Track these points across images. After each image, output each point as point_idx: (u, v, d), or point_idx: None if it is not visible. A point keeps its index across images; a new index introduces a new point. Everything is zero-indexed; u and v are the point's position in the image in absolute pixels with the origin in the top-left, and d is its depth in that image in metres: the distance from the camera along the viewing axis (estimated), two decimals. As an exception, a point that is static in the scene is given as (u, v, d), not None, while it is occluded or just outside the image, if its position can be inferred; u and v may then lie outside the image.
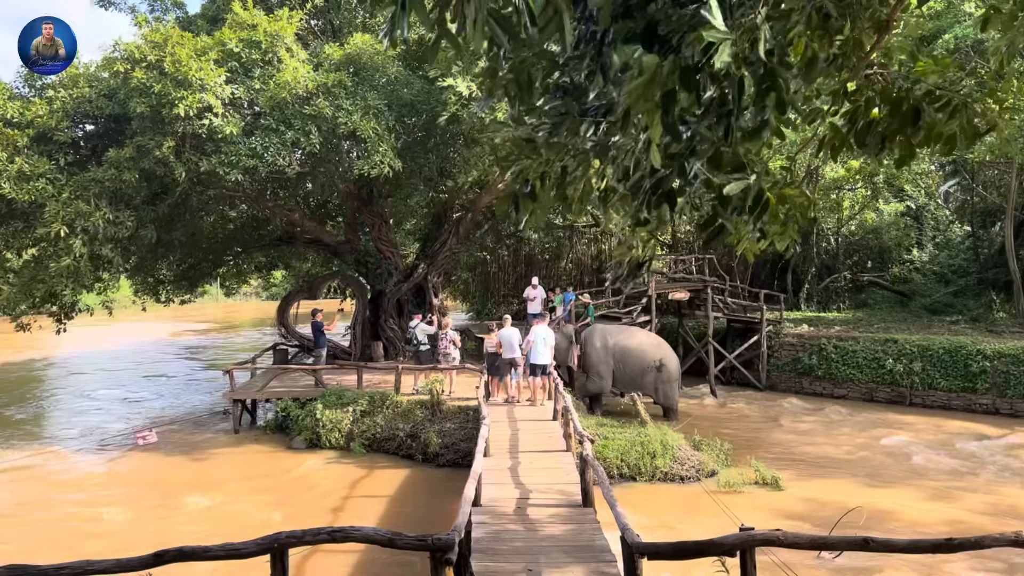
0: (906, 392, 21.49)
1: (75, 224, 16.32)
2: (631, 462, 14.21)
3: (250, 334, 45.10)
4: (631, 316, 23.83)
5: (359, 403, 16.90)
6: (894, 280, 32.52)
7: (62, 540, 11.38)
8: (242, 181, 17.12)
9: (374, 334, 24.10)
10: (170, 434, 18.47)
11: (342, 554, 10.13)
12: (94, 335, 38.55)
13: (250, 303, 70.06)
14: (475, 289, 39.63)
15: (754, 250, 5.15)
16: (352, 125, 16.73)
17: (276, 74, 16.63)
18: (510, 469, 11.08)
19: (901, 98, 4.77)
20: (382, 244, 24.52)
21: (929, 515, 12.43)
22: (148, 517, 12.57)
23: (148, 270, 23.89)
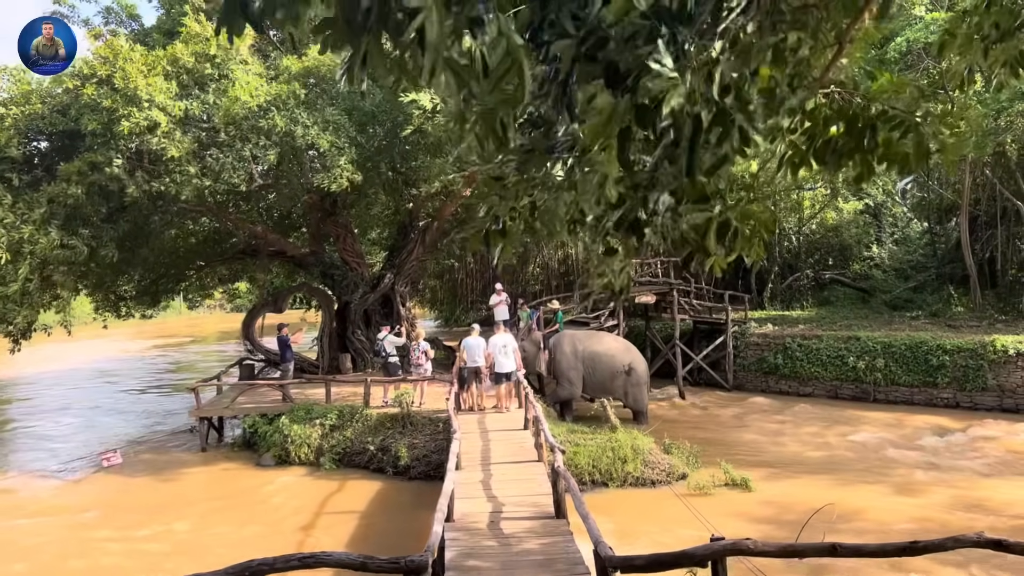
0: (870, 388, 21.90)
1: (22, 250, 15.97)
2: (602, 468, 14.29)
3: (214, 347, 44.54)
4: (599, 321, 23.97)
5: (328, 417, 16.78)
6: (855, 277, 33.16)
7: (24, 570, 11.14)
8: (199, 199, 16.92)
9: (341, 346, 23.95)
10: (136, 455, 18.16)
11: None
12: (53, 353, 37.77)
13: (214, 315, 69.20)
14: (443, 296, 39.67)
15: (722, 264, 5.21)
16: (310, 138, 16.63)
17: (230, 87, 16.46)
18: (482, 482, 11.07)
19: (857, 116, 4.88)
20: (347, 255, 24.38)
21: (896, 512, 12.67)
22: (115, 543, 12.32)
23: (109, 287, 23.47)
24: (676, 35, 3.05)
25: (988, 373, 20.04)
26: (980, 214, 29.22)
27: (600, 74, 3.00)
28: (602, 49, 2.98)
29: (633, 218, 3.41)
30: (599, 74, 2.98)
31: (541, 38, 3.11)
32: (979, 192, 28.97)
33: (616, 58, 2.96)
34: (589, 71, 2.92)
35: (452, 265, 35.75)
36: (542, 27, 3.05)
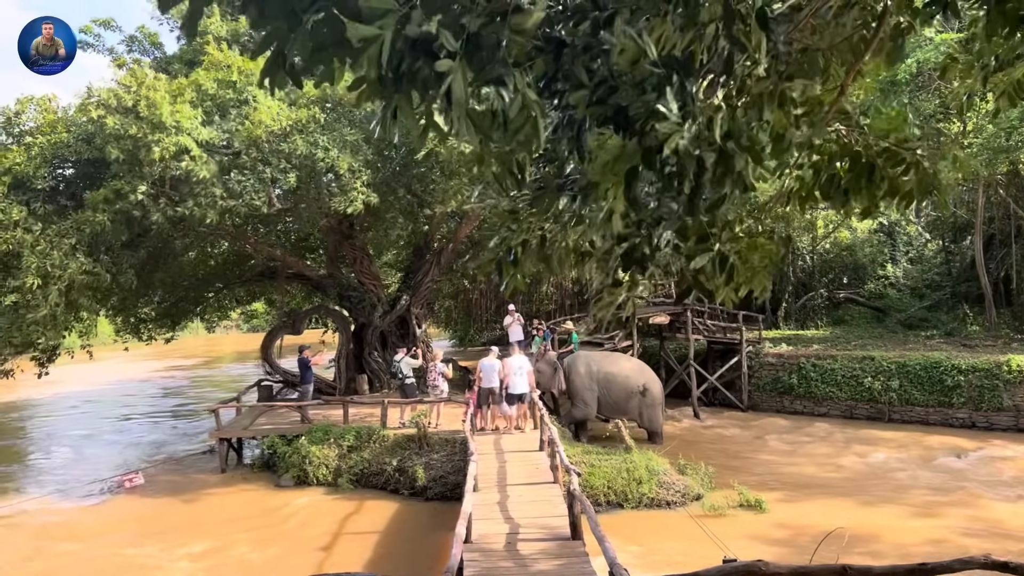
0: (885, 408, 21.87)
1: (51, 275, 16.34)
2: (618, 489, 14.39)
3: (232, 368, 44.92)
4: (613, 341, 24.10)
5: (346, 438, 16.97)
6: (870, 296, 33.12)
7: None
8: (221, 222, 17.25)
9: (358, 367, 24.17)
10: (157, 476, 18.39)
11: None
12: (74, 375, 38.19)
13: (231, 336, 69.69)
14: (457, 316, 39.89)
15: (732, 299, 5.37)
16: (330, 161, 16.96)
17: (252, 113, 16.84)
18: (499, 503, 11.22)
19: (860, 153, 5.06)
20: (364, 277, 24.67)
21: (913, 534, 12.68)
22: (141, 564, 12.55)
23: (129, 310, 23.84)
24: (684, 84, 3.27)
25: (1004, 393, 19.98)
26: (995, 233, 29.20)
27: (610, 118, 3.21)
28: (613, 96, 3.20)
29: (638, 253, 3.60)
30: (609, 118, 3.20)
31: (554, 87, 3.34)
32: (993, 211, 28.97)
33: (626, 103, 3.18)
34: (600, 114, 3.13)
35: (466, 286, 35.98)
36: (555, 78, 3.28)
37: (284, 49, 2.64)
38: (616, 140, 3.16)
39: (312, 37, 2.39)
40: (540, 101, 2.91)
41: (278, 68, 2.66)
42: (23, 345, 18.54)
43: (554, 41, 3.10)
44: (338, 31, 2.36)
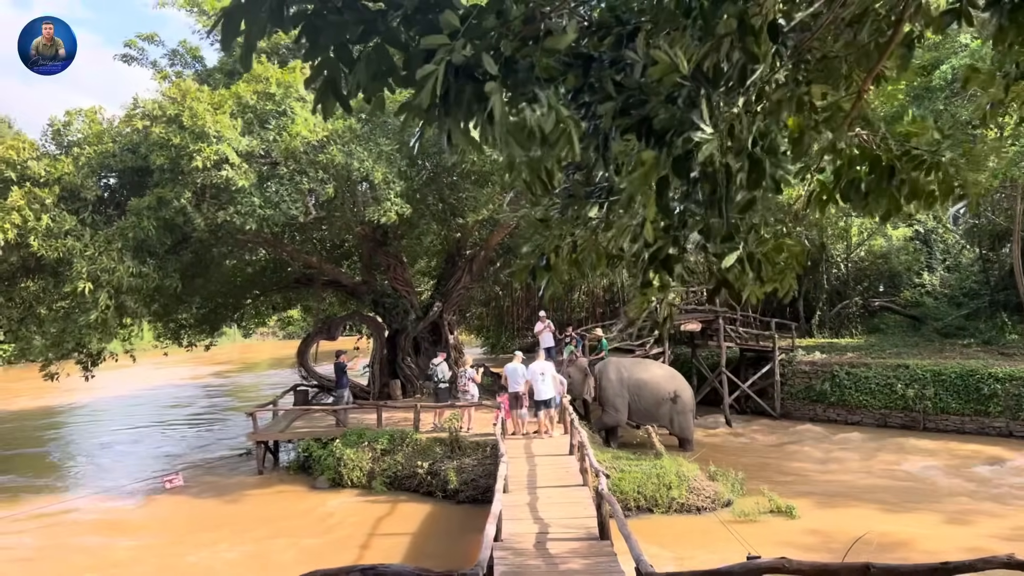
0: (919, 417, 21.67)
1: (100, 279, 16.90)
2: (647, 494, 14.49)
3: (268, 374, 45.65)
4: (644, 348, 24.17)
5: (379, 441, 17.29)
6: (905, 304, 32.75)
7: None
8: (259, 230, 17.72)
9: (392, 372, 24.53)
10: (196, 477, 18.87)
11: None
12: (116, 379, 39.15)
13: (267, 343, 70.75)
14: (489, 323, 40.12)
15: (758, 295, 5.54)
16: (365, 171, 17.34)
17: (289, 124, 17.29)
18: (528, 504, 11.42)
19: (880, 157, 5.21)
20: (398, 284, 25.05)
21: (946, 542, 12.59)
22: (183, 560, 12.96)
23: (170, 316, 24.46)
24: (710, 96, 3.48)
25: (1042, 402, 19.74)
26: (1034, 240, 28.72)
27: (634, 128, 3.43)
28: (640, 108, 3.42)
29: (665, 255, 3.81)
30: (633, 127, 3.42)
31: (582, 99, 3.57)
32: (1032, 218, 28.50)
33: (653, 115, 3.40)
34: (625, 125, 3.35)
35: (498, 293, 36.27)
36: (583, 90, 3.51)
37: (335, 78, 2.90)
38: (650, 153, 3.37)
39: (366, 68, 2.64)
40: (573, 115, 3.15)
41: (329, 95, 2.93)
42: (74, 348, 19.16)
43: (582, 56, 3.33)
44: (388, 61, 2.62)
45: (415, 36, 2.93)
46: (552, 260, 4.09)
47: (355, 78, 2.88)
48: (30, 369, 24.05)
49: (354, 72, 2.87)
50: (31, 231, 16.82)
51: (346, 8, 2.86)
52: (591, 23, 3.54)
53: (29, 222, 16.78)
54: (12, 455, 23.59)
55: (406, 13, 2.91)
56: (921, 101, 21.00)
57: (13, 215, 16.66)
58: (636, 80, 3.25)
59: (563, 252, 4.05)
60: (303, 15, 2.86)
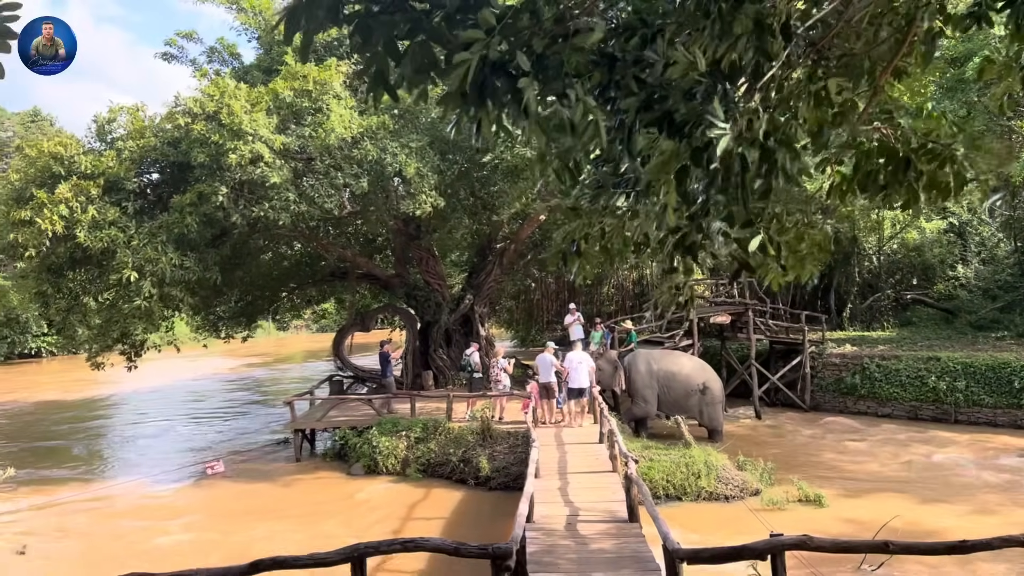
0: (951, 409, 21.60)
1: (144, 269, 17.50)
2: (676, 482, 14.72)
3: (302, 366, 46.45)
4: (673, 340, 24.33)
5: (413, 430, 17.72)
6: (939, 297, 32.47)
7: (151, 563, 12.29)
8: (294, 223, 18.20)
9: (424, 363, 24.97)
10: (236, 464, 19.46)
11: (412, 561, 11.00)
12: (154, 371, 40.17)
13: (301, 336, 71.76)
14: (519, 316, 40.41)
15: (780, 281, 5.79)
16: (398, 165, 17.74)
17: (325, 121, 17.73)
18: (559, 489, 11.73)
19: (896, 150, 5.43)
20: (430, 277, 25.47)
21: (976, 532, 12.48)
22: (227, 540, 13.48)
23: (209, 308, 25.11)
24: (727, 92, 3.75)
25: (1076, 395, 19.60)
26: (1071, 232, 28.39)
27: (656, 121, 3.72)
28: (662, 103, 3.71)
29: (689, 241, 4.08)
30: (655, 121, 3.71)
31: (608, 95, 3.86)
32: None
33: (673, 109, 3.68)
34: (648, 119, 3.63)
35: (529, 286, 36.55)
36: (609, 87, 3.80)
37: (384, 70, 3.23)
38: (670, 143, 3.66)
39: (412, 62, 2.97)
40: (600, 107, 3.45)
41: (379, 86, 3.26)
42: (119, 337, 19.83)
43: (608, 56, 3.62)
44: (431, 56, 2.94)
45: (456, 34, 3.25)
46: (582, 246, 4.39)
47: (402, 71, 3.21)
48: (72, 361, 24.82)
49: (401, 65, 3.19)
50: (77, 223, 17.45)
51: (395, 8, 3.18)
52: (618, 25, 3.82)
53: (76, 214, 17.42)
54: (56, 445, 24.41)
55: (448, 12, 3.22)
56: (954, 93, 20.87)
57: (61, 207, 17.30)
58: (657, 77, 3.53)
59: (592, 239, 4.34)
60: (356, 14, 3.19)
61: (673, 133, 3.73)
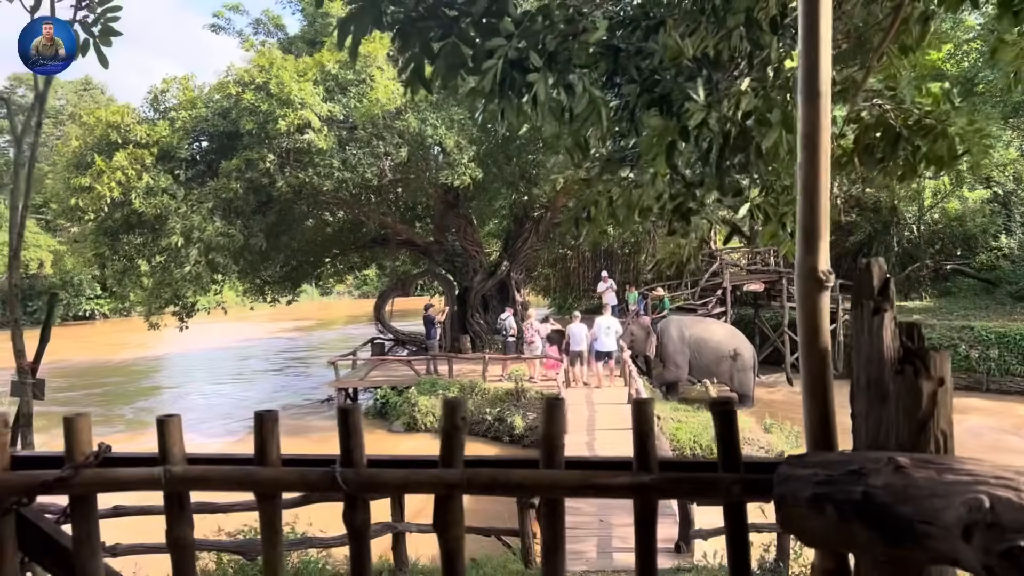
0: (983, 378, 21.74)
1: (191, 236, 18.41)
2: (703, 443, 15.28)
3: (344, 330, 47.71)
4: (706, 308, 24.72)
5: (450, 390, 18.51)
6: (980, 268, 32.21)
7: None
8: (338, 190, 18.93)
9: (462, 328, 25.75)
10: (284, 420, 20.30)
11: None
12: (204, 333, 41.68)
13: (343, 301, 73.30)
14: (556, 284, 40.92)
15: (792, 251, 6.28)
16: (438, 137, 18.33)
17: (369, 92, 18.35)
18: (586, 444, 12.40)
19: (892, 125, 5.86)
20: (468, 244, 26.14)
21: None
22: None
23: (256, 273, 26.12)
24: (711, 75, 4.27)
25: (1111, 365, 19.62)
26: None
27: (656, 102, 4.26)
28: (658, 86, 4.24)
29: (685, 208, 4.62)
30: (655, 102, 4.25)
31: (614, 81, 4.40)
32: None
33: (667, 91, 4.22)
34: (648, 101, 4.17)
35: (565, 255, 37.01)
36: (614, 74, 4.34)
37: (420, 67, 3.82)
38: (657, 120, 4.21)
39: (444, 61, 3.55)
40: (603, 96, 4.00)
41: (416, 80, 3.85)
42: (170, 300, 20.88)
43: (612, 48, 4.16)
44: (460, 56, 3.52)
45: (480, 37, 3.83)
46: (592, 212, 4.95)
47: (436, 69, 3.80)
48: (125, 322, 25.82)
49: (436, 64, 3.79)
50: (133, 189, 18.40)
51: (429, 16, 3.76)
52: (623, 18, 4.35)
53: (131, 181, 18.36)
54: (110, 408, 25.76)
55: (474, 19, 3.80)
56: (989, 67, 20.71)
57: (118, 174, 18.27)
58: (654, 64, 4.07)
59: (601, 206, 4.90)
60: (398, 21, 3.78)
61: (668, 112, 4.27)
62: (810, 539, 1.37)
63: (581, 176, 4.85)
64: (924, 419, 1.26)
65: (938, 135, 5.76)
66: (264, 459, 1.87)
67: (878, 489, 1.14)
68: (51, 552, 2.02)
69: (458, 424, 1.77)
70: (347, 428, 1.83)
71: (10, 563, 1.88)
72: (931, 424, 1.26)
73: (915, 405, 1.26)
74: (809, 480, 1.31)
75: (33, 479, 1.91)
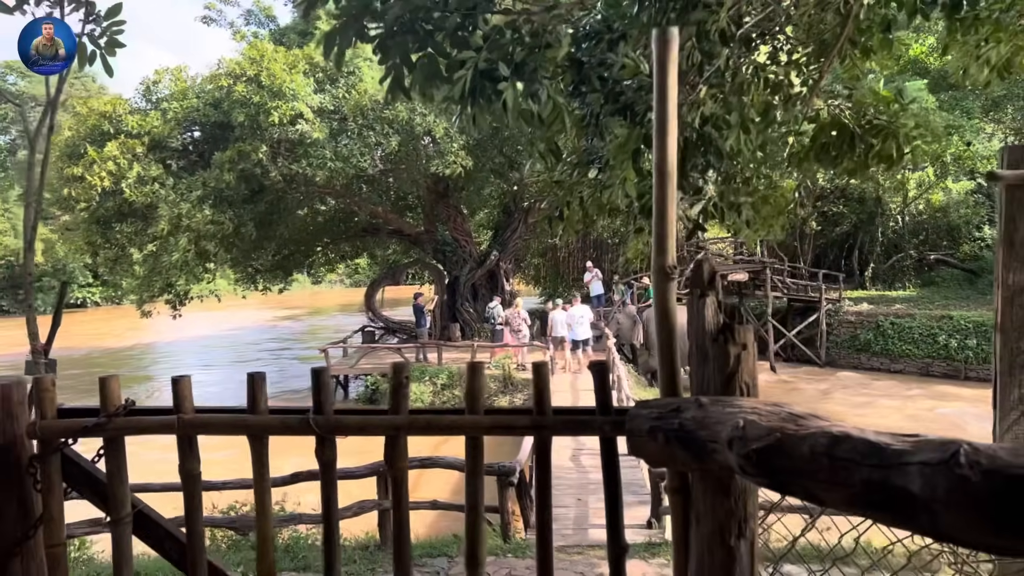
0: (961, 367, 22.25)
1: (180, 224, 18.70)
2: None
3: (336, 318, 48.04)
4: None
5: (439, 377, 18.88)
6: (963, 258, 32.72)
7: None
8: (330, 181, 19.25)
9: (451, 316, 26.13)
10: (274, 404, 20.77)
11: (432, 476, 12.17)
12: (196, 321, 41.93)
13: (335, 290, 73.58)
14: (545, 274, 41.27)
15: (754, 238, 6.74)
16: (427, 126, 18.65)
17: (358, 83, 18.66)
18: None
19: (846, 125, 6.25)
20: (458, 234, 26.49)
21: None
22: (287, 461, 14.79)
23: (247, 262, 26.42)
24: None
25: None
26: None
27: (619, 111, 4.62)
28: (621, 96, 4.61)
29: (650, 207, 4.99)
30: (620, 112, 4.61)
31: (580, 90, 4.77)
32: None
33: (630, 101, 4.58)
34: (611, 109, 4.53)
35: (555, 244, 37.38)
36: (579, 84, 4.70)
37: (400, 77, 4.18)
38: (623, 129, 4.58)
39: (421, 71, 3.91)
40: (567, 104, 4.37)
41: (396, 89, 4.21)
42: (162, 288, 21.18)
43: (576, 60, 4.52)
44: (436, 67, 3.88)
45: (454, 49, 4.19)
46: (565, 212, 5.31)
47: (415, 79, 4.16)
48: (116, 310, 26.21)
49: (414, 75, 4.15)
50: (124, 179, 18.67)
51: (407, 30, 4.12)
52: (588, 31, 4.71)
53: (123, 170, 18.63)
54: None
55: (448, 33, 4.16)
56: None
57: (109, 164, 18.53)
58: (616, 75, 4.43)
59: (574, 206, 5.27)
60: (379, 35, 4.13)
61: (631, 120, 4.64)
62: (649, 459, 1.83)
63: (554, 178, 5.20)
64: (731, 373, 1.68)
65: (888, 135, 6.16)
66: (255, 409, 2.42)
67: (688, 420, 1.56)
68: (89, 483, 2.60)
69: (403, 381, 2.28)
70: (318, 384, 2.35)
71: (57, 490, 2.46)
72: (736, 377, 1.70)
73: (725, 364, 1.69)
74: (648, 417, 1.74)
75: (76, 424, 2.48)
